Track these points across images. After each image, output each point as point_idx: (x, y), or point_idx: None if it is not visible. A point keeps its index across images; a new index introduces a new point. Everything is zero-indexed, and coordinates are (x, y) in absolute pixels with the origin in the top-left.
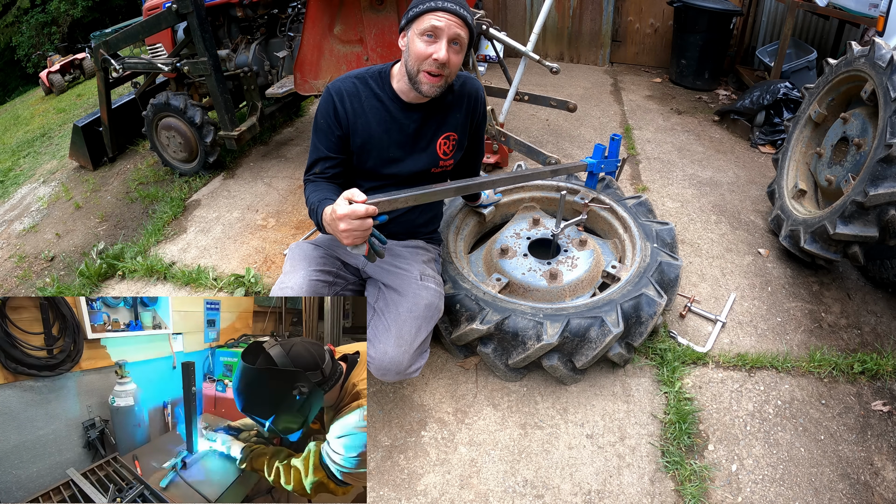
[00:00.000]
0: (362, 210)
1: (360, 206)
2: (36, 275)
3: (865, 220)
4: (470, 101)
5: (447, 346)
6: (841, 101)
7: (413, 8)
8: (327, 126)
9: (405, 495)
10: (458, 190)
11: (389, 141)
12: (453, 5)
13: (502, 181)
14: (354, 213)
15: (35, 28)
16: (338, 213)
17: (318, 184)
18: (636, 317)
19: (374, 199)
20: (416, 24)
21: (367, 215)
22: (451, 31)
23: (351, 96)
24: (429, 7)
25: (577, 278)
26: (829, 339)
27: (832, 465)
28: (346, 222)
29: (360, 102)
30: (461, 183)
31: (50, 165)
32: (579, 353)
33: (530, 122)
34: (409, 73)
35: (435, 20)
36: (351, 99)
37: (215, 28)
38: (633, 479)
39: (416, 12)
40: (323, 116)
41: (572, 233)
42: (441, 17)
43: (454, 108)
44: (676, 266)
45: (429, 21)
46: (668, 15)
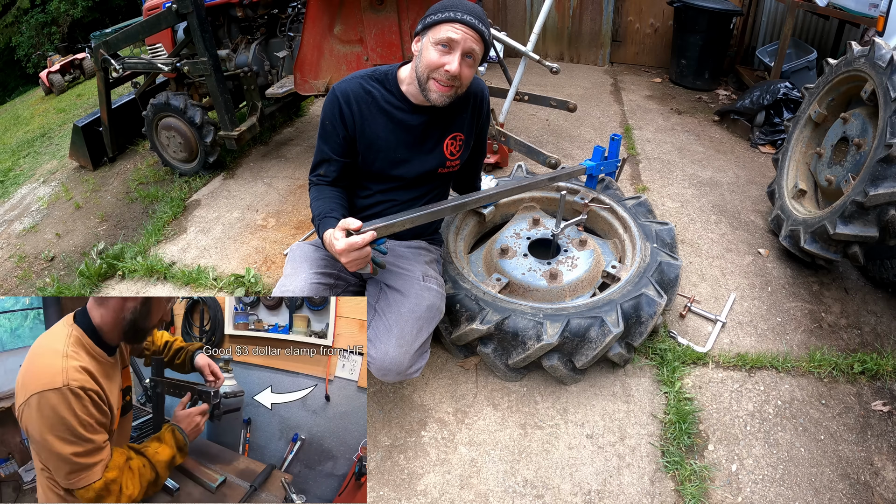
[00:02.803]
0: (360, 241)
1: (356, 238)
2: (36, 275)
3: (865, 220)
4: (476, 101)
5: (447, 346)
6: (841, 102)
7: (431, 15)
8: (333, 128)
9: (405, 495)
10: (455, 208)
11: (397, 142)
12: (472, 19)
13: (499, 194)
14: (353, 245)
15: (35, 28)
16: (337, 249)
17: (322, 189)
18: (636, 317)
19: (372, 225)
20: (431, 33)
21: (365, 244)
22: (466, 45)
23: (358, 98)
24: (447, 17)
25: (577, 278)
26: (829, 339)
27: (832, 465)
28: (345, 255)
29: (368, 104)
30: (458, 201)
31: (50, 165)
32: (579, 353)
33: (530, 122)
34: (418, 77)
35: (452, 32)
36: (358, 101)
37: (215, 28)
38: (633, 479)
39: (433, 20)
40: (328, 118)
41: (572, 233)
42: (458, 29)
43: (460, 109)
44: (676, 266)
45: (445, 32)
46: (668, 15)
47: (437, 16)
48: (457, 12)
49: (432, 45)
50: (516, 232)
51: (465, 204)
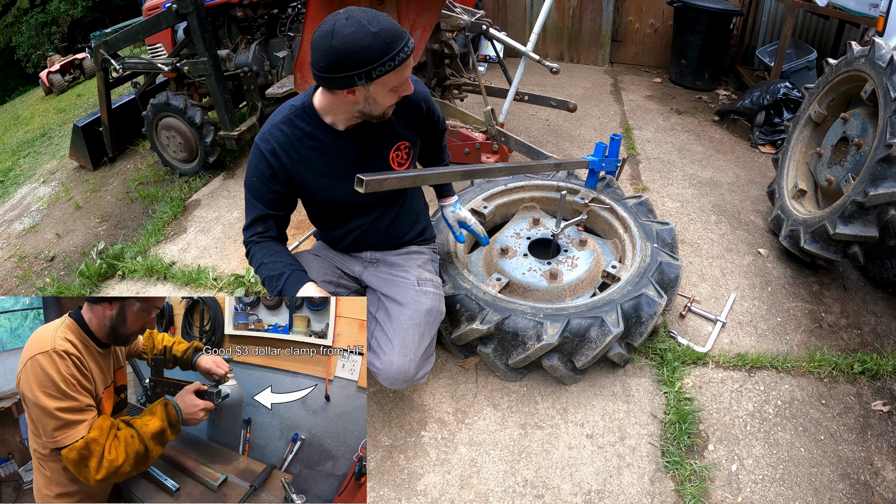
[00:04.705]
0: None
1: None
2: (36, 275)
3: (865, 220)
4: (410, 103)
5: (447, 346)
6: (841, 101)
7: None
8: (263, 185)
9: (405, 495)
10: (465, 174)
11: (338, 175)
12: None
13: (504, 170)
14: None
15: (35, 28)
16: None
17: (268, 245)
18: (636, 317)
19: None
20: (382, 81)
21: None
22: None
23: (284, 148)
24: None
25: (577, 278)
26: (829, 339)
27: (832, 465)
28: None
29: (296, 149)
30: (463, 168)
31: (50, 165)
32: (579, 353)
33: (530, 122)
34: (368, 116)
35: (404, 73)
36: (285, 150)
37: (215, 28)
38: (633, 479)
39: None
40: (256, 175)
41: (572, 233)
42: (406, 66)
43: (395, 117)
44: (677, 266)
45: (399, 75)
46: (668, 15)
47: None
48: (398, 50)
49: (386, 92)
50: (516, 232)
51: (472, 172)
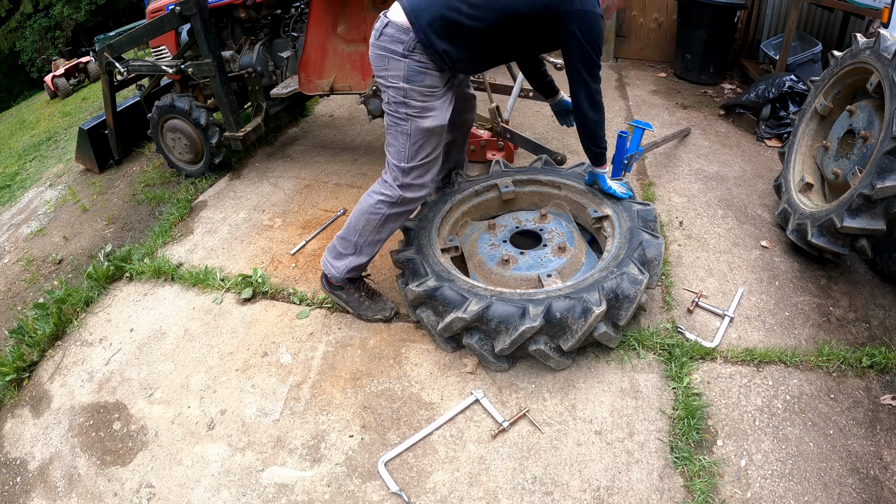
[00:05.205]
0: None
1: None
2: (44, 278)
3: (873, 213)
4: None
5: (441, 344)
6: (847, 94)
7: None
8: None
9: (414, 493)
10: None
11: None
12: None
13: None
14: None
15: (38, 33)
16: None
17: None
18: (619, 295)
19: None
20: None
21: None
22: None
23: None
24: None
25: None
26: (837, 333)
27: (841, 460)
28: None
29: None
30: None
31: (56, 169)
32: (564, 335)
33: (535, 119)
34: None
35: None
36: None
37: (219, 29)
38: (641, 476)
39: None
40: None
41: (556, 237)
42: None
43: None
44: (658, 243)
45: None
46: (672, 9)
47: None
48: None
49: None
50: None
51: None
